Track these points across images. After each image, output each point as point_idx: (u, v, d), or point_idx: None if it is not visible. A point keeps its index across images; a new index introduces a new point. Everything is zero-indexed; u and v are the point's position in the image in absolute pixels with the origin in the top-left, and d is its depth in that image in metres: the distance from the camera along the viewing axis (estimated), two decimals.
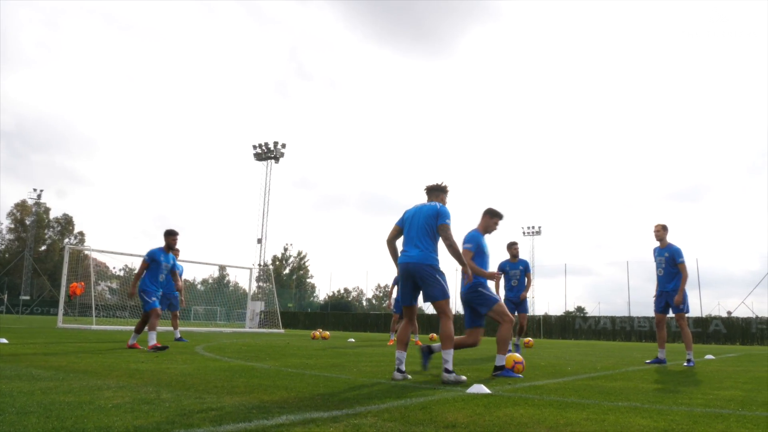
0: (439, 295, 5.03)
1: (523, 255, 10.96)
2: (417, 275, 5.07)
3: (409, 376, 5.16)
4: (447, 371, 4.89)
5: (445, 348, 5.01)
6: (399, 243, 5.44)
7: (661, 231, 8.29)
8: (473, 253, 5.81)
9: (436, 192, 5.49)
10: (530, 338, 14.37)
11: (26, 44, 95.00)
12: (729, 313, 26.18)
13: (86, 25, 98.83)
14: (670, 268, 8.11)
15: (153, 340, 8.08)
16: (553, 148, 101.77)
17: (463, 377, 4.92)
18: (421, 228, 5.16)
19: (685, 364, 7.85)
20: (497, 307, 5.69)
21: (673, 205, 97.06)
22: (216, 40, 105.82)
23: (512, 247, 9.50)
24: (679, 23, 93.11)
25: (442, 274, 5.12)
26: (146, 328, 8.42)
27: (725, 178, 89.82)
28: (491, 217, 6.06)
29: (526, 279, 9.50)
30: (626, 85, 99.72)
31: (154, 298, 8.40)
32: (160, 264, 8.55)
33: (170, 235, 8.66)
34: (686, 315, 8.13)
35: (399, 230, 5.40)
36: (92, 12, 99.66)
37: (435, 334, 15.83)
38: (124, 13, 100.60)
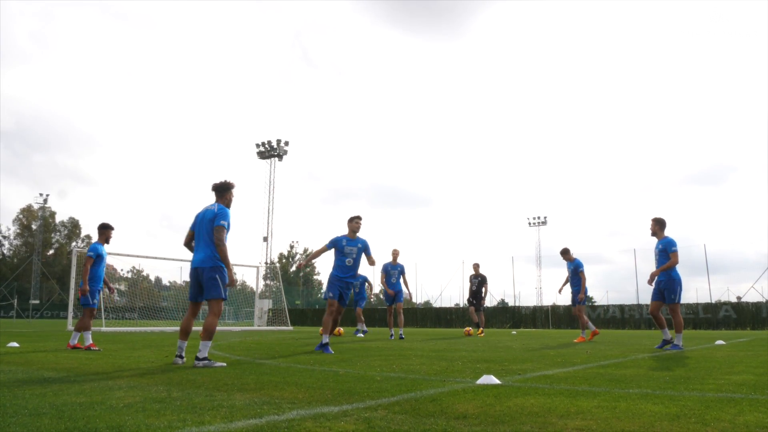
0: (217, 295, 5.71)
1: (528, 245, 11.23)
2: (201, 277, 5.70)
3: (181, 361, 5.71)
4: (198, 359, 5.47)
5: (204, 339, 5.59)
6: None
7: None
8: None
9: (221, 191, 5.94)
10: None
11: (20, 39, 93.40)
12: (739, 298, 26.03)
13: (81, 16, 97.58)
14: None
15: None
16: (559, 135, 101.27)
17: (220, 363, 5.54)
18: (206, 233, 5.75)
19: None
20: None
21: (688, 189, 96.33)
22: (216, 26, 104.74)
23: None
24: None
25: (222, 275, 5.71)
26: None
27: (750, 159, 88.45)
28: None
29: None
30: (637, 67, 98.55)
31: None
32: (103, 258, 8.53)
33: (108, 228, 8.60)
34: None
35: (192, 234, 5.96)
36: (87, 2, 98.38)
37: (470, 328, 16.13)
38: (120, 2, 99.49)
